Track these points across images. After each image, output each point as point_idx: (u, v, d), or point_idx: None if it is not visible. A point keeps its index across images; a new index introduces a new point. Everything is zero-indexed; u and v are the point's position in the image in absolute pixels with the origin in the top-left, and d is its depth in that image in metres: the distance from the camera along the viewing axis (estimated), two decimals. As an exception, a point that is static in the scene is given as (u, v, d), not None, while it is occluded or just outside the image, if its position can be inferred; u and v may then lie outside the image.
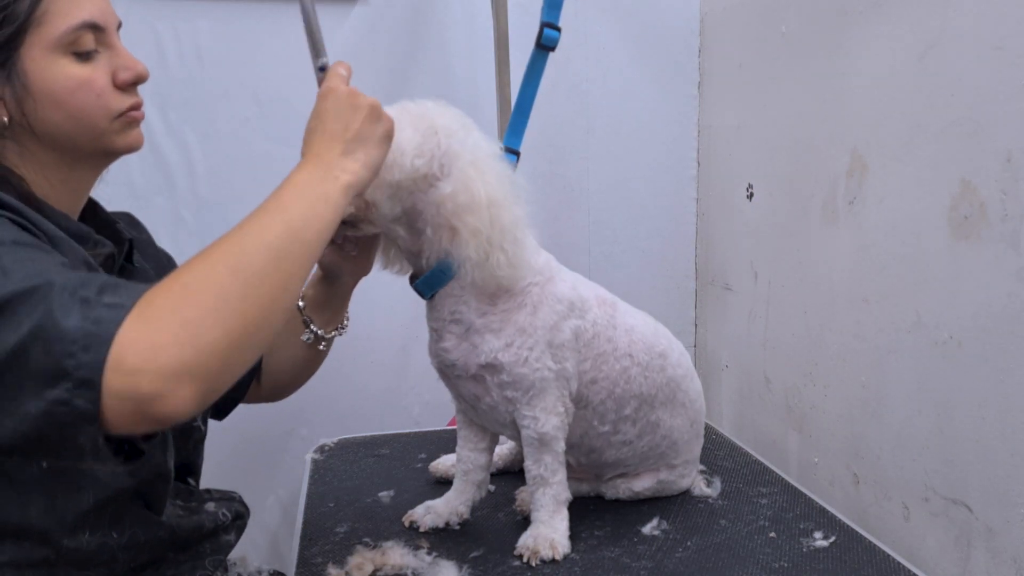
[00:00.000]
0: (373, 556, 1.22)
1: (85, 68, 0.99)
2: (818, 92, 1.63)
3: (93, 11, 0.99)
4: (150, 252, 1.25)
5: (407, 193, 1.15)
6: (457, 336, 1.22)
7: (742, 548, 1.27)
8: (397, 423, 1.96)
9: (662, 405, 1.34)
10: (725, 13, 2.00)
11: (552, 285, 1.23)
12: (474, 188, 1.12)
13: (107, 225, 1.12)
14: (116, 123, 1.03)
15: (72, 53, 0.98)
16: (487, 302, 1.20)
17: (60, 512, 0.96)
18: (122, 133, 1.05)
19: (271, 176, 2.01)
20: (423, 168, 1.13)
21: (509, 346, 1.19)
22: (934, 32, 1.32)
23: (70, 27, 0.97)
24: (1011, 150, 1.19)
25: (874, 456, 1.52)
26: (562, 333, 1.22)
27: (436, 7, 1.94)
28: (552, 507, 1.25)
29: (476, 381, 1.24)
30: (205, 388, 0.79)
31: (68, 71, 0.98)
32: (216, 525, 1.17)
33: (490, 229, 1.12)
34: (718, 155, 2.07)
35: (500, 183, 1.15)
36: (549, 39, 1.36)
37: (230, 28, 1.84)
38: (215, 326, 0.79)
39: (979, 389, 1.28)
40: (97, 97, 1.00)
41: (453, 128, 1.16)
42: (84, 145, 1.03)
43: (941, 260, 1.33)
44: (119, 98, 1.03)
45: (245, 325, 0.82)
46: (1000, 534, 1.26)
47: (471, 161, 1.14)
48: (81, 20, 0.98)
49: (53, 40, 0.97)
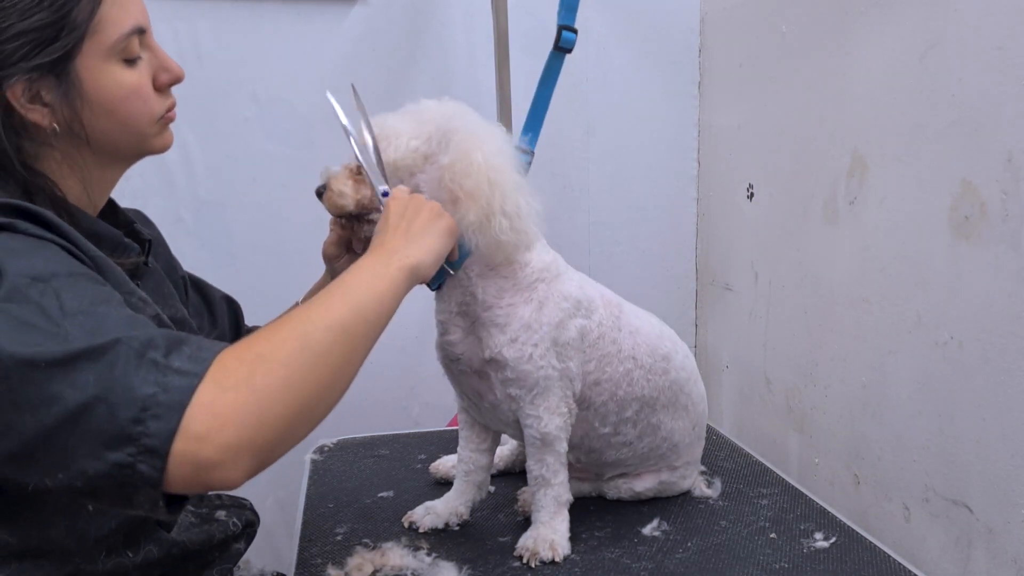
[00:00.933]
0: (373, 557, 1.22)
1: (133, 73, 0.99)
2: (819, 92, 1.62)
3: (139, 16, 0.99)
4: (160, 251, 1.26)
5: (407, 174, 1.16)
6: (463, 329, 1.22)
7: (742, 549, 1.26)
8: (397, 423, 1.96)
9: (664, 408, 1.34)
10: (725, 12, 2.00)
11: (559, 283, 1.23)
12: (472, 153, 1.12)
13: (126, 224, 1.13)
14: (156, 126, 1.04)
15: (123, 60, 0.98)
16: (494, 294, 1.20)
17: (81, 535, 0.96)
18: (159, 136, 1.06)
19: (270, 176, 2.03)
20: (421, 148, 1.15)
21: (514, 341, 1.19)
22: (935, 32, 1.31)
23: (123, 34, 0.97)
24: (1012, 150, 1.19)
25: (875, 457, 1.52)
26: (567, 331, 1.22)
27: (436, 7, 1.94)
28: (553, 508, 1.25)
29: (480, 377, 1.23)
30: (260, 460, 0.80)
31: (120, 78, 0.98)
32: (227, 535, 1.17)
33: (490, 192, 1.12)
34: (718, 155, 2.07)
35: (499, 151, 1.15)
36: (567, 41, 1.36)
37: (229, 28, 1.84)
38: (281, 401, 0.80)
39: (980, 390, 1.28)
40: (144, 103, 1.01)
41: (451, 112, 1.18)
42: (125, 149, 1.04)
43: (942, 260, 1.33)
44: (160, 101, 1.04)
45: (308, 400, 0.84)
46: (1001, 535, 1.26)
47: (469, 132, 1.15)
48: (131, 26, 0.97)
49: (107, 48, 0.96)
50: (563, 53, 1.37)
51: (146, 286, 1.13)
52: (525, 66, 1.77)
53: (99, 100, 0.97)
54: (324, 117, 1.17)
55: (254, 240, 1.53)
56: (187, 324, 1.19)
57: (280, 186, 1.90)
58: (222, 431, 0.76)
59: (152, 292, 1.13)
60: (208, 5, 1.82)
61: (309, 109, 1.88)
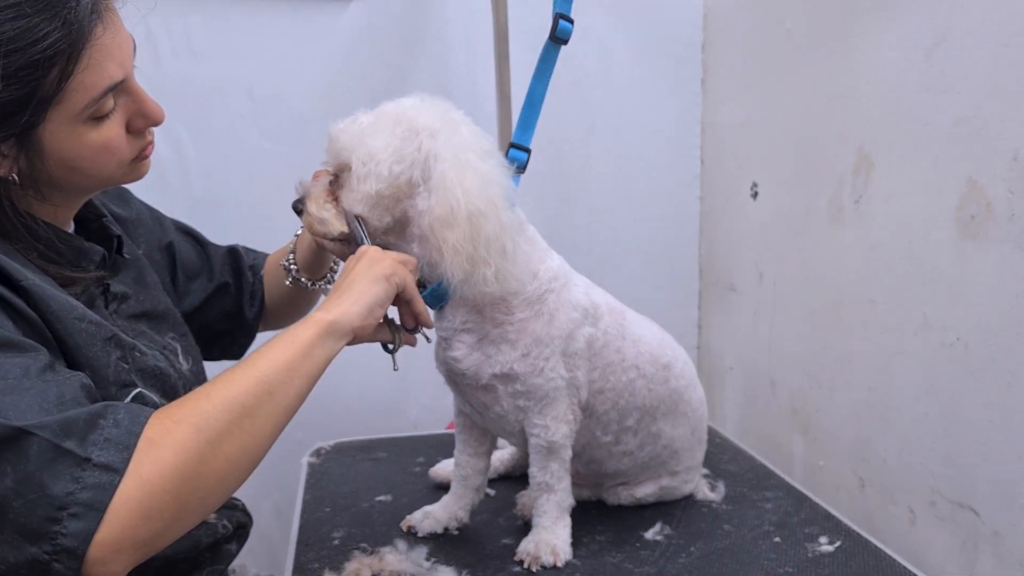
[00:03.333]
0: (371, 562, 1.21)
1: (102, 131, 0.95)
2: (823, 89, 1.61)
3: (117, 71, 0.94)
4: (140, 232, 1.25)
5: (393, 201, 1.10)
6: (468, 345, 1.19)
7: (746, 553, 1.25)
8: (394, 427, 1.95)
9: (664, 416, 1.33)
10: (728, 9, 1.99)
11: (567, 292, 1.20)
12: (452, 199, 1.06)
13: (96, 218, 1.11)
14: (127, 167, 1.01)
15: (92, 118, 0.94)
16: (503, 311, 1.16)
17: None
18: (131, 173, 1.03)
19: (264, 173, 2.02)
20: (403, 174, 1.09)
21: (525, 356, 1.17)
22: (941, 29, 1.30)
23: (92, 99, 0.92)
24: (1018, 149, 1.18)
25: (880, 460, 1.51)
26: (576, 342, 1.20)
27: (434, 2, 1.92)
28: (556, 513, 1.24)
29: (486, 390, 1.21)
30: (143, 554, 0.80)
31: (85, 139, 0.94)
32: (216, 538, 1.16)
33: (471, 245, 1.06)
34: (722, 153, 2.06)
35: (483, 189, 1.08)
36: (564, 32, 1.32)
37: (223, 23, 1.82)
38: (169, 491, 0.79)
39: (986, 392, 1.26)
40: (112, 155, 0.97)
41: (435, 127, 1.10)
42: (94, 188, 1.03)
43: (948, 260, 1.32)
44: (132, 145, 1.00)
45: (200, 487, 0.82)
46: (1007, 538, 1.25)
47: (451, 165, 1.08)
48: (104, 88, 0.92)
49: (74, 114, 0.92)
50: (559, 44, 1.33)
51: (125, 278, 1.12)
52: (525, 61, 1.75)
53: (61, 159, 0.94)
54: (320, 115, 1.15)
55: (249, 238, 1.51)
56: (169, 315, 1.18)
57: (275, 184, 1.88)
58: (103, 529, 0.75)
59: (132, 283, 1.13)
60: (203, 1, 1.80)
61: (305, 107, 1.86)
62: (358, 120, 1.11)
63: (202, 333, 1.31)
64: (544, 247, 1.21)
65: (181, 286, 1.33)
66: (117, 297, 1.09)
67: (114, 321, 1.06)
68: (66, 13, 0.87)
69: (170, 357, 1.11)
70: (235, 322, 1.40)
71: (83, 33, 0.88)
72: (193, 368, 1.17)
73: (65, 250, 1.00)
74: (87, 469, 0.76)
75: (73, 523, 0.74)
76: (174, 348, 1.14)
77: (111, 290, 1.07)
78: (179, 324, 1.20)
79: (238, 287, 1.39)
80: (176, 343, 1.15)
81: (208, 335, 1.36)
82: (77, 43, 0.88)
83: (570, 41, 1.33)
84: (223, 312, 1.38)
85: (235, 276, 1.39)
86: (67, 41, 0.87)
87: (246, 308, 1.39)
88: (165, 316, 1.17)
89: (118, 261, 1.12)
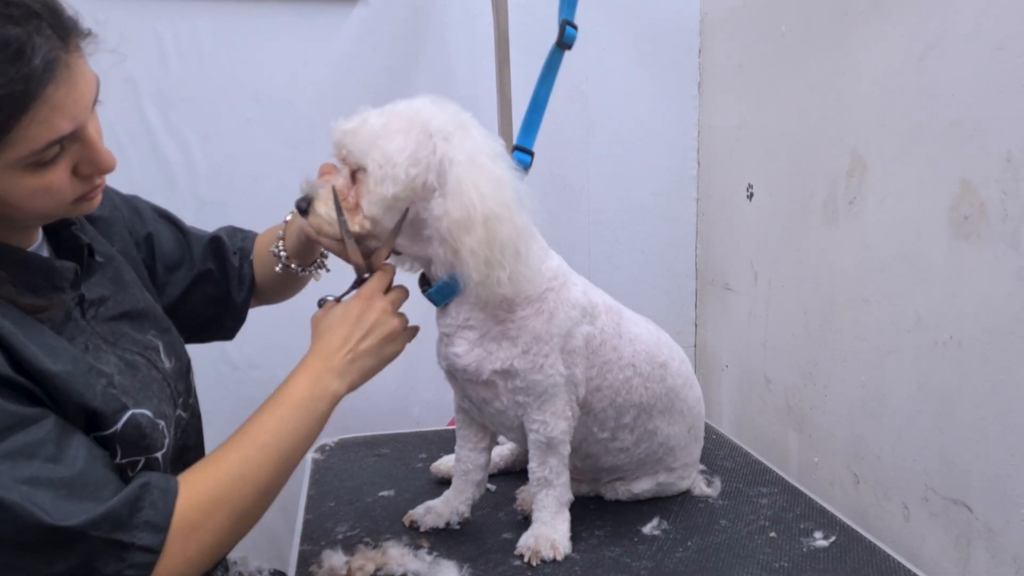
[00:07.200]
0: (374, 555, 1.22)
1: (45, 176, 0.91)
2: (818, 92, 1.63)
3: (66, 125, 0.89)
4: (116, 229, 1.22)
5: (406, 203, 1.11)
6: (470, 342, 1.20)
7: (742, 548, 1.27)
8: (397, 423, 1.96)
9: (660, 414, 1.34)
10: (725, 13, 2.00)
11: (566, 290, 1.22)
12: (469, 204, 1.07)
13: (66, 227, 1.07)
14: (70, 206, 0.98)
15: (34, 165, 0.89)
16: (505, 308, 1.18)
17: None
18: (76, 209, 0.99)
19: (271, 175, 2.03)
20: (419, 177, 1.09)
21: (526, 353, 1.18)
22: (934, 32, 1.32)
23: (33, 151, 0.88)
24: (1011, 150, 1.19)
25: (874, 456, 1.52)
26: (574, 339, 1.22)
27: (436, 7, 1.94)
28: (554, 508, 1.25)
29: (487, 386, 1.23)
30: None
31: (25, 183, 0.90)
32: None
33: (488, 249, 1.08)
34: (718, 155, 2.07)
35: (498, 193, 1.09)
36: (570, 37, 1.34)
37: (231, 28, 1.84)
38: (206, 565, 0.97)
39: (979, 389, 1.28)
40: (53, 196, 0.94)
41: (448, 130, 1.11)
42: (35, 222, 1.01)
43: (941, 260, 1.33)
44: (77, 187, 0.96)
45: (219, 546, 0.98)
46: (1000, 534, 1.26)
47: (467, 169, 1.09)
48: (48, 141, 0.88)
49: (14, 161, 0.88)
50: (564, 49, 1.36)
51: (101, 280, 1.10)
52: (526, 65, 1.77)
53: (1, 198, 0.91)
54: (325, 117, 1.15)
55: (255, 239, 1.54)
56: (150, 312, 1.16)
57: (281, 186, 1.89)
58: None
59: (109, 284, 1.11)
60: (210, 5, 1.82)
61: (310, 109, 1.88)
62: (368, 120, 1.11)
63: (190, 321, 1.30)
64: (544, 246, 1.23)
65: (161, 278, 1.30)
66: (94, 303, 1.06)
67: (93, 327, 1.04)
68: (13, 72, 0.84)
69: (152, 358, 1.10)
70: (223, 306, 1.37)
71: (30, 92, 0.85)
72: (176, 366, 1.15)
73: (36, 271, 0.98)
74: (131, 552, 0.89)
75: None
76: (156, 346, 1.13)
77: (87, 297, 1.05)
78: (161, 320, 1.18)
79: (223, 273, 1.36)
80: (158, 340, 1.14)
81: (197, 322, 1.34)
82: (24, 99, 0.85)
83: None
84: (208, 298, 1.35)
85: (218, 263, 1.36)
86: (11, 98, 0.84)
87: (234, 292, 1.37)
88: (145, 314, 1.15)
89: (92, 264, 1.09)
